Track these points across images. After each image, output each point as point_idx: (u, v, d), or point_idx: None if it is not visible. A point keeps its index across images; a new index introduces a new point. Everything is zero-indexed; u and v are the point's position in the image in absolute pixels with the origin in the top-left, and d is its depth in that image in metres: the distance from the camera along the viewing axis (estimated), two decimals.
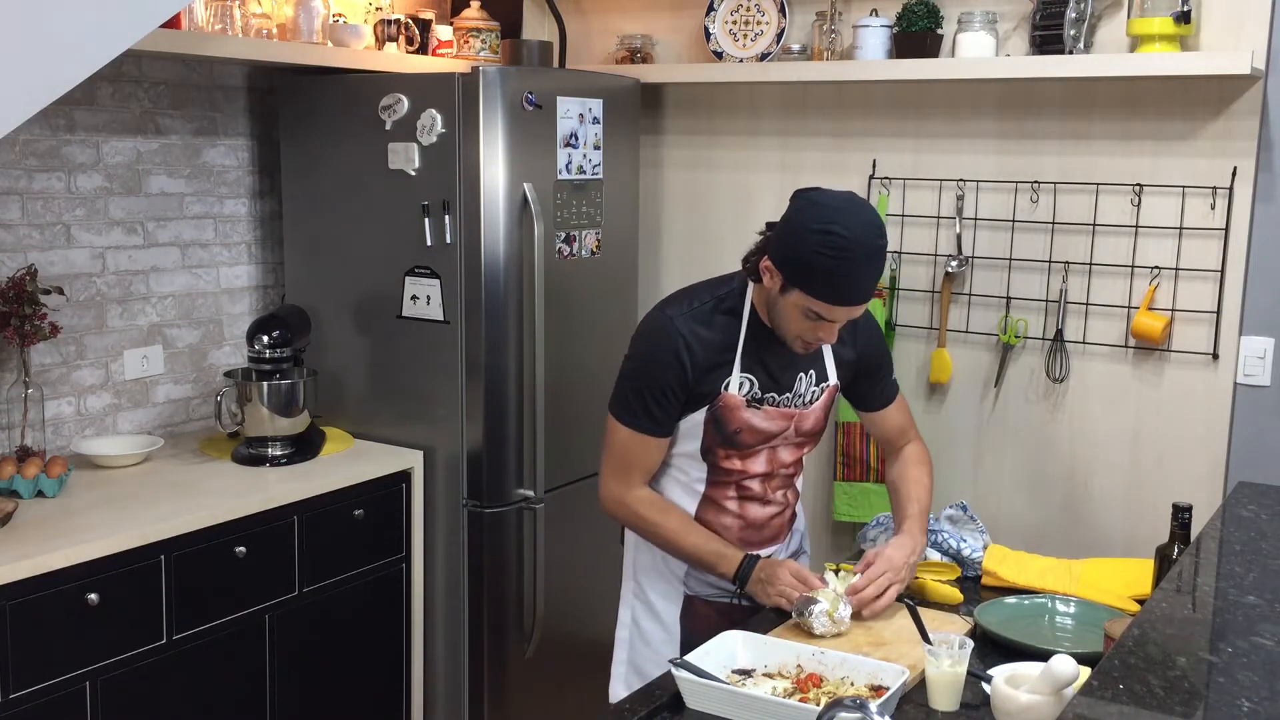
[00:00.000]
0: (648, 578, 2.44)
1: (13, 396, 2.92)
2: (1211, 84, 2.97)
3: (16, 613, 2.38)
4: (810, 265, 2.08)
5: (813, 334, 2.19)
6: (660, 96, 3.78)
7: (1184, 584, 1.94)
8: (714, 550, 2.30)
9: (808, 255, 2.07)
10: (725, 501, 2.38)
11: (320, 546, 2.99)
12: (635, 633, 2.45)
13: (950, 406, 3.42)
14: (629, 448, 2.31)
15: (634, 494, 2.33)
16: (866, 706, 1.55)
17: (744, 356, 2.26)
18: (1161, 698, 1.50)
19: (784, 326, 2.20)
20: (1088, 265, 3.18)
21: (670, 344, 2.23)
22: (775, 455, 2.37)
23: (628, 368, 2.32)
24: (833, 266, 2.06)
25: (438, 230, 3.16)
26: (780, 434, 2.33)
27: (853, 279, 2.09)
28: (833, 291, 2.09)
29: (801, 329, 2.18)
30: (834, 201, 2.11)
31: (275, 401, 3.11)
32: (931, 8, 3.25)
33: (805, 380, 2.34)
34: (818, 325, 2.16)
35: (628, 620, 2.48)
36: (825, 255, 2.06)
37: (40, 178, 3.00)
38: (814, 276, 2.08)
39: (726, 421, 2.27)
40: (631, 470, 2.32)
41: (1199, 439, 3.09)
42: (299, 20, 3.25)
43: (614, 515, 2.39)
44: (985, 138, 3.29)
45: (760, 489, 2.39)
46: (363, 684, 3.18)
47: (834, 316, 2.14)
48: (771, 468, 2.38)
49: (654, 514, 2.33)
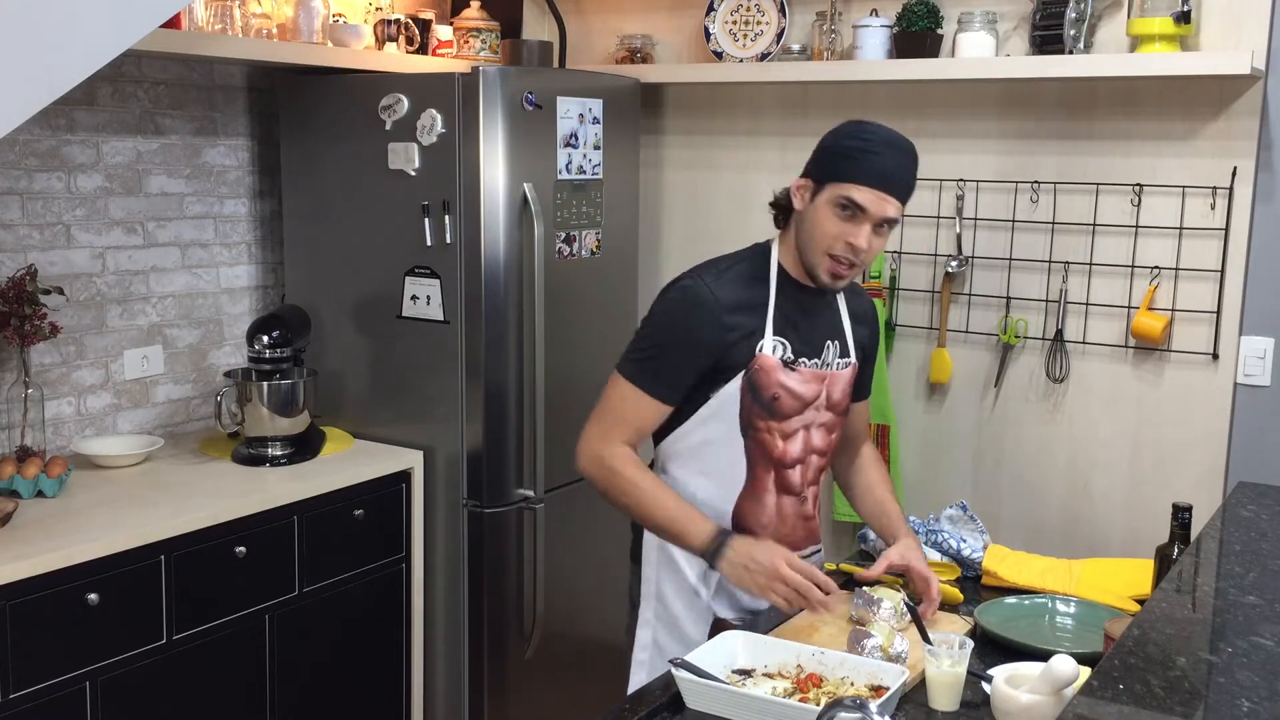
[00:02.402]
0: (673, 599, 2.31)
1: (13, 396, 2.92)
2: (1211, 84, 2.97)
3: (16, 613, 2.38)
4: (842, 150, 2.14)
5: (845, 240, 2.14)
6: (660, 96, 3.78)
7: (1184, 584, 1.94)
8: (688, 515, 2.18)
9: (839, 145, 2.15)
10: (765, 493, 2.29)
11: (320, 546, 2.99)
12: (657, 654, 2.30)
13: (950, 406, 3.42)
14: (626, 403, 2.22)
15: (614, 449, 2.22)
16: (866, 706, 1.55)
17: (775, 319, 2.22)
18: (1161, 698, 1.50)
19: (815, 240, 2.16)
20: (1088, 265, 3.18)
21: (704, 303, 2.17)
22: (809, 438, 2.31)
23: (648, 328, 2.24)
24: (864, 147, 2.12)
25: (438, 230, 3.16)
26: (814, 401, 2.27)
27: (884, 160, 2.12)
28: (864, 170, 2.11)
29: (835, 234, 2.14)
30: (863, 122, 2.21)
31: (275, 401, 3.11)
32: (931, 8, 3.25)
33: (831, 349, 2.31)
34: (850, 228, 2.13)
35: (648, 642, 2.34)
36: (857, 140, 2.14)
37: (40, 178, 3.00)
38: (846, 160, 2.13)
39: (763, 387, 2.21)
40: (619, 426, 2.22)
41: (1199, 439, 3.09)
42: (299, 20, 3.25)
43: (588, 471, 2.26)
44: (985, 138, 3.29)
45: (798, 480, 2.32)
46: (363, 684, 3.18)
47: (868, 203, 2.11)
48: (805, 452, 2.31)
49: (631, 470, 2.21)
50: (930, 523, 2.58)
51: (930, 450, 3.46)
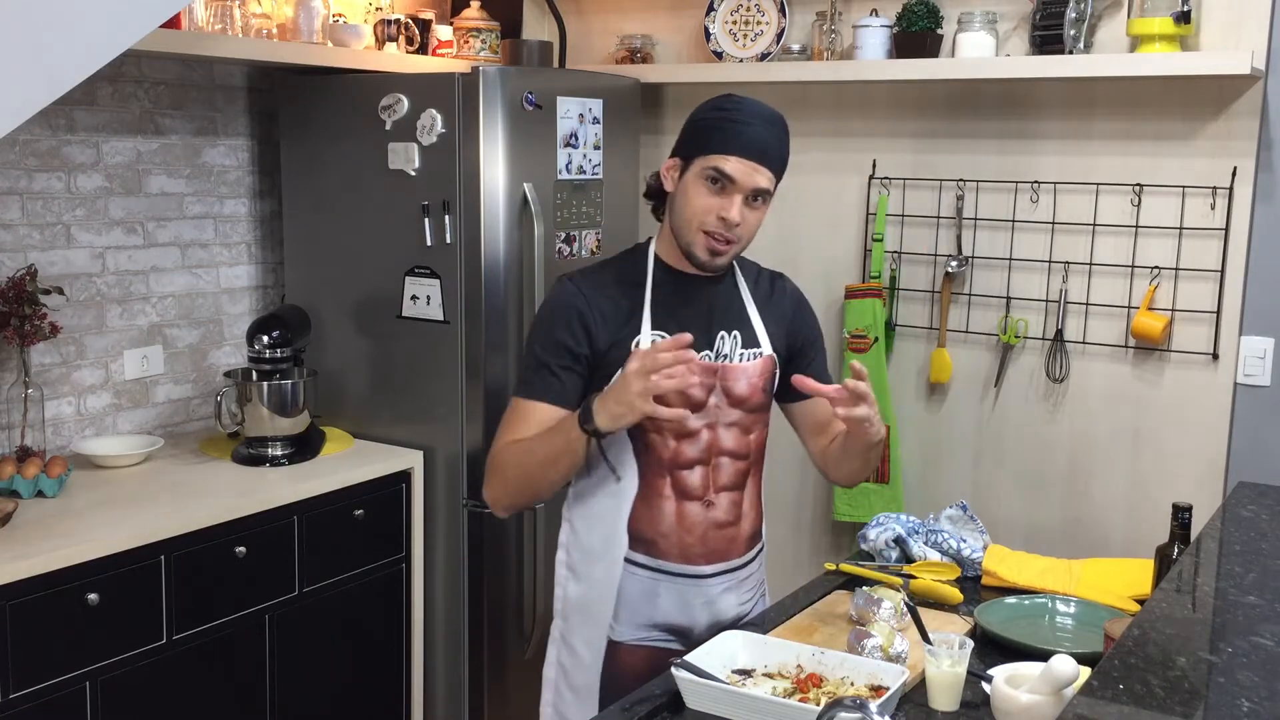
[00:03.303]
0: (575, 617, 2.22)
1: (13, 396, 2.92)
2: (1211, 84, 2.97)
3: (16, 613, 2.38)
4: (708, 122, 2.09)
5: (717, 214, 2.05)
6: (660, 96, 3.78)
7: (1184, 584, 1.94)
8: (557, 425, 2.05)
9: (705, 117, 2.11)
10: (659, 499, 2.13)
11: (320, 546, 2.99)
12: (560, 674, 2.24)
13: (950, 406, 3.42)
14: (513, 415, 2.11)
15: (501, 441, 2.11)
16: (866, 706, 1.55)
17: (653, 312, 2.12)
18: (1161, 698, 1.49)
19: (687, 217, 2.08)
20: (1088, 265, 3.18)
21: (569, 300, 2.11)
22: (715, 438, 2.14)
23: (528, 346, 2.16)
24: (731, 117, 2.07)
25: (438, 230, 3.16)
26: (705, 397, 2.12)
27: (753, 130, 2.06)
28: (731, 141, 2.05)
29: (705, 208, 2.05)
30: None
31: (275, 401, 3.11)
32: (931, 8, 3.25)
33: (729, 340, 2.16)
34: (722, 201, 2.04)
35: (554, 659, 2.27)
36: (719, 110, 2.10)
37: (40, 178, 3.00)
38: (713, 132, 2.07)
39: None
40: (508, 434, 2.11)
41: (1199, 439, 3.09)
42: (299, 20, 3.25)
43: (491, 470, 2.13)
44: (985, 138, 3.29)
45: (700, 484, 2.14)
46: (363, 684, 3.18)
47: (737, 174, 2.03)
48: (709, 454, 2.14)
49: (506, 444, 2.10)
50: (930, 523, 2.58)
51: (930, 450, 3.46)
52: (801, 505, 3.65)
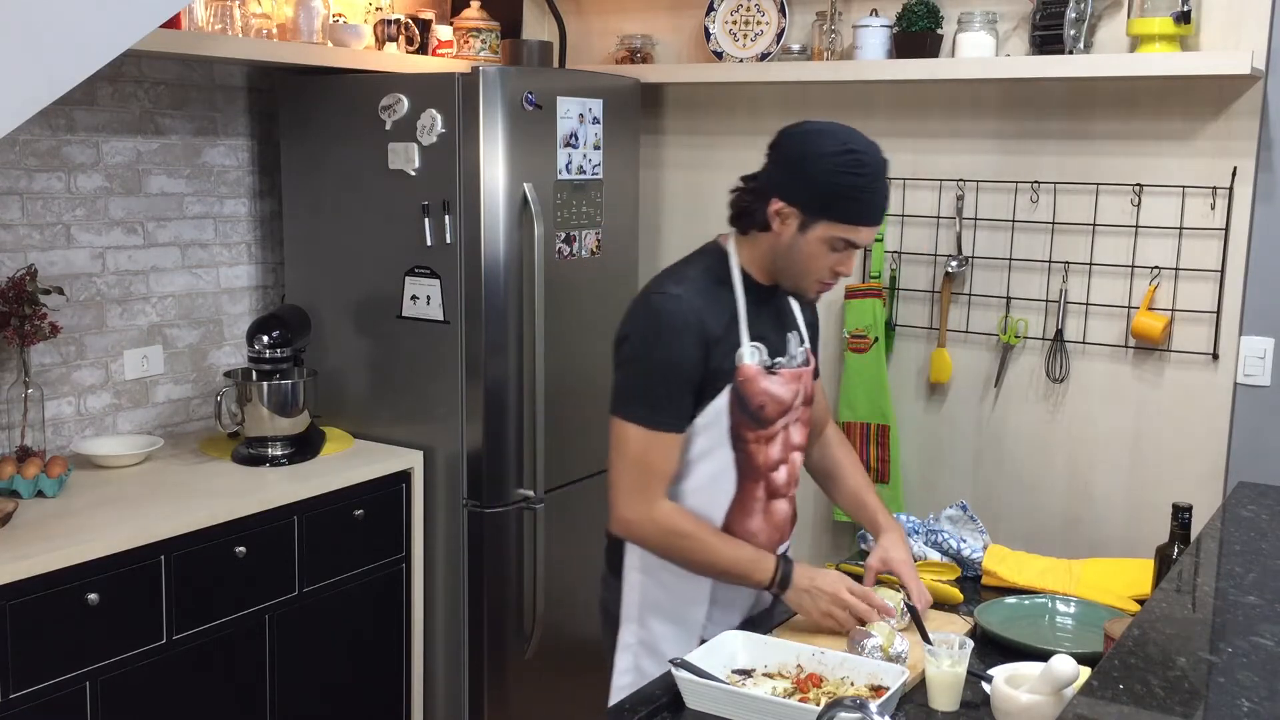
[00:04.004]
0: (659, 623, 2.20)
1: (13, 396, 2.92)
2: (1211, 84, 2.97)
3: (16, 613, 2.38)
4: (838, 189, 2.03)
5: (832, 270, 2.11)
6: (660, 96, 3.78)
7: (1184, 584, 1.94)
8: (749, 556, 2.13)
9: (834, 179, 2.03)
10: (754, 502, 2.21)
11: (320, 546, 2.99)
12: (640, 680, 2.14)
13: (950, 406, 3.42)
14: (649, 452, 2.07)
15: (661, 508, 2.09)
16: (866, 706, 1.54)
17: (749, 324, 2.14)
18: (1161, 698, 1.50)
19: (802, 268, 2.11)
20: (1088, 265, 3.18)
21: (682, 320, 2.06)
22: (789, 437, 2.24)
23: (633, 358, 2.09)
24: (861, 184, 2.04)
25: (438, 230, 3.16)
26: (794, 401, 2.21)
27: (878, 195, 2.07)
28: (862, 210, 2.06)
29: (825, 265, 2.10)
30: (832, 127, 2.10)
31: (275, 401, 3.11)
32: (931, 8, 3.25)
33: (793, 340, 2.26)
34: (841, 258, 2.10)
35: (628, 666, 2.22)
36: (854, 175, 2.03)
37: (40, 178, 3.00)
38: (842, 200, 2.04)
39: (750, 396, 2.12)
40: (653, 480, 2.08)
41: (1199, 439, 3.09)
42: (299, 20, 3.25)
43: (639, 537, 2.13)
44: (985, 138, 3.29)
45: (784, 481, 2.25)
46: (363, 684, 3.18)
47: (861, 240, 2.08)
48: (786, 453, 2.24)
49: (690, 526, 2.11)
50: (930, 523, 2.58)
51: (930, 450, 3.46)
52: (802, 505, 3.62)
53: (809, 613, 2.13)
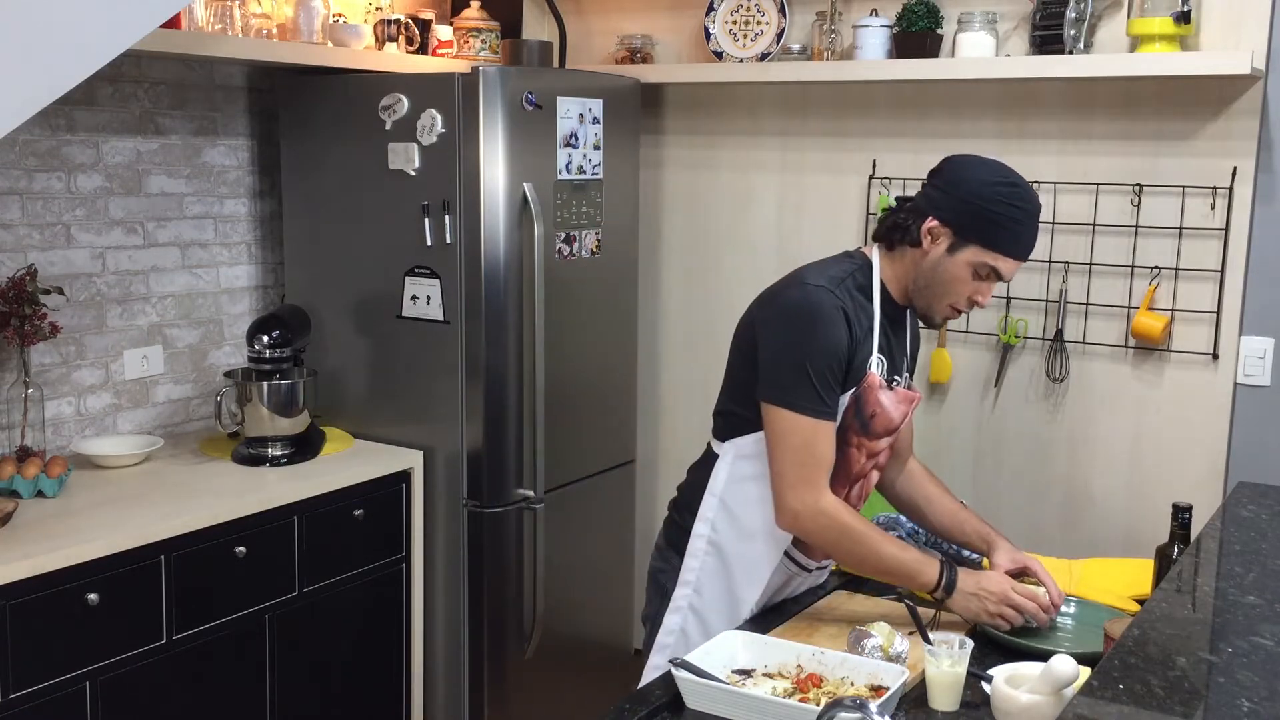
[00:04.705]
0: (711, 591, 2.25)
1: (13, 396, 2.92)
2: (1211, 84, 2.97)
3: (16, 613, 2.38)
4: (997, 217, 2.06)
5: (969, 298, 2.13)
6: (660, 96, 3.78)
7: (1184, 584, 1.94)
8: (915, 558, 2.14)
9: (994, 207, 2.06)
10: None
11: (320, 546, 2.99)
12: (682, 640, 2.23)
13: (950, 406, 3.42)
14: (815, 442, 2.08)
15: (827, 499, 2.10)
16: (866, 706, 1.55)
17: (880, 336, 2.17)
18: (1161, 698, 1.50)
19: (942, 289, 2.13)
20: (1088, 265, 3.18)
21: (837, 315, 2.08)
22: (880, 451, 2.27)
23: (791, 346, 2.09)
24: (1017, 216, 2.06)
25: (438, 230, 3.16)
26: (900, 422, 2.20)
27: (1029, 230, 2.10)
28: (1017, 244, 2.08)
29: (964, 291, 2.12)
30: (997, 162, 2.13)
31: (275, 401, 3.11)
32: (931, 8, 3.25)
33: (904, 364, 2.28)
34: (981, 286, 2.12)
35: (675, 627, 2.27)
36: (1011, 206, 2.06)
37: (40, 178, 3.00)
38: (1000, 229, 2.06)
39: (865, 404, 2.14)
40: (818, 470, 2.09)
41: (1199, 439, 3.09)
42: (299, 20, 3.25)
43: (805, 530, 2.13)
44: (985, 138, 3.29)
45: (859, 495, 2.27)
46: (363, 684, 3.18)
47: (1005, 271, 2.10)
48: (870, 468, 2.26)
49: (856, 521, 2.12)
50: None
51: (930, 450, 3.45)
52: None
53: (977, 615, 2.13)
